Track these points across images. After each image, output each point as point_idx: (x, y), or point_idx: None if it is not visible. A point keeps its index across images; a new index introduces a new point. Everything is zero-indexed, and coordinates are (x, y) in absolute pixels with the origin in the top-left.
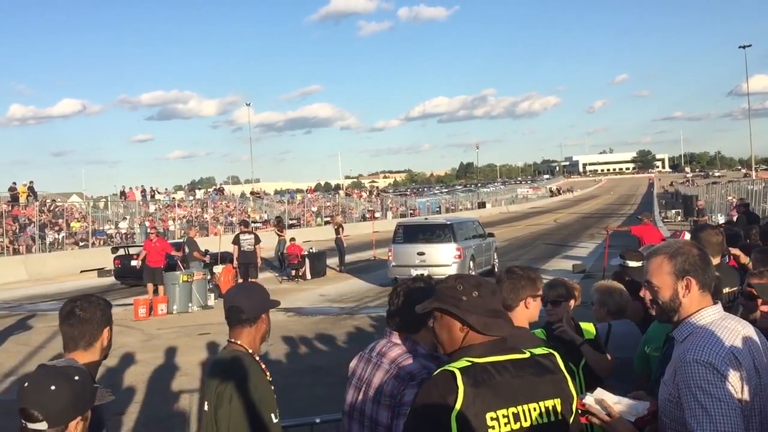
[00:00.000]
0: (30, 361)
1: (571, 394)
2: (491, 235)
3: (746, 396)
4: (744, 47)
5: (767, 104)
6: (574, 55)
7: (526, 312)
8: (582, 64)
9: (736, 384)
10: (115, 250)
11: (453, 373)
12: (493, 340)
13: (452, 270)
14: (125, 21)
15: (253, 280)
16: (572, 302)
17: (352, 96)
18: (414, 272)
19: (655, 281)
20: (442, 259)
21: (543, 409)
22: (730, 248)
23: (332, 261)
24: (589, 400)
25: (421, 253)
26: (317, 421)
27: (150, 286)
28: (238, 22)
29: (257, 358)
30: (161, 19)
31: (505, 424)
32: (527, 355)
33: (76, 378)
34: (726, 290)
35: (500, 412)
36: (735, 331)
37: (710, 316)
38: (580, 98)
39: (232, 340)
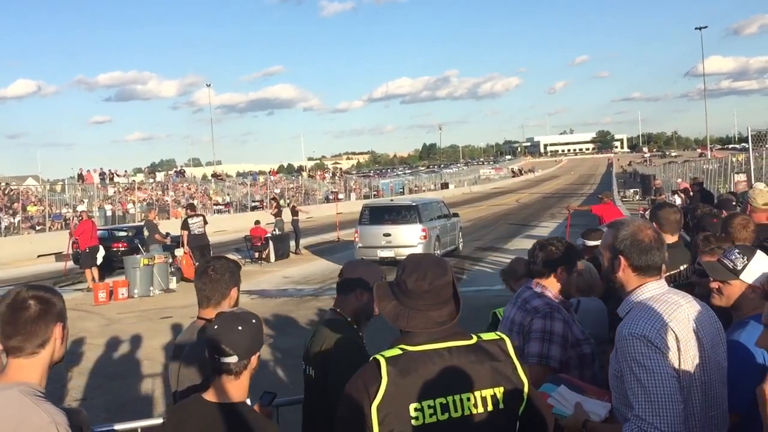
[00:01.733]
0: None
1: (519, 381)
2: (456, 215)
3: (686, 367)
4: (700, 29)
5: (722, 85)
6: (535, 36)
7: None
8: (543, 44)
9: (672, 355)
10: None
11: (378, 362)
12: (439, 328)
13: (418, 250)
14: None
15: None
16: None
17: (315, 77)
18: (380, 253)
19: (602, 250)
20: (408, 239)
21: (479, 399)
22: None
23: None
24: (553, 401)
25: (387, 234)
26: None
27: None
28: (197, 1)
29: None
30: None
31: (431, 415)
32: (473, 340)
33: (254, 321)
34: (683, 267)
35: (425, 403)
36: (675, 303)
37: (650, 291)
38: (541, 79)
39: (333, 307)
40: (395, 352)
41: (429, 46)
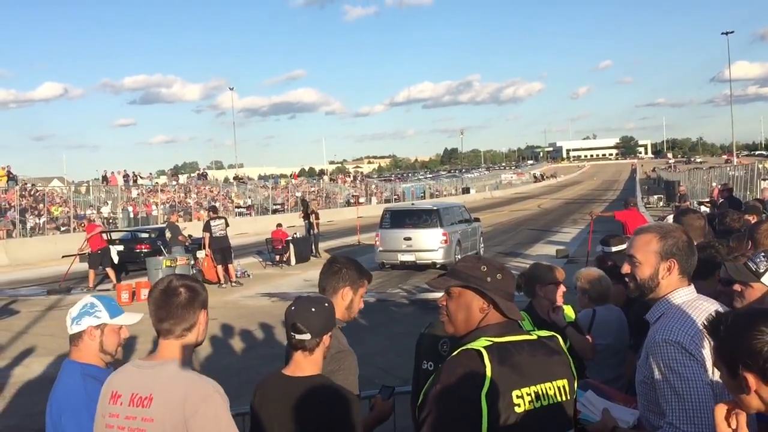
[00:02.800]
0: (12, 346)
1: (574, 375)
2: (477, 219)
3: (718, 375)
4: (726, 34)
5: (749, 91)
6: (558, 41)
7: None
8: (566, 49)
9: (706, 363)
10: None
11: (479, 351)
12: (506, 321)
13: (439, 254)
14: (108, 4)
15: (230, 264)
16: (560, 288)
17: (337, 81)
18: (401, 257)
19: (639, 256)
20: (429, 244)
21: (556, 389)
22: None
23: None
24: (581, 406)
25: (407, 238)
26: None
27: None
28: (222, 5)
29: None
30: (143, 1)
31: (529, 403)
32: (535, 336)
33: (326, 304)
34: None
35: (524, 390)
36: (706, 310)
37: (682, 297)
38: (564, 84)
39: None
40: (485, 342)
41: (451, 51)
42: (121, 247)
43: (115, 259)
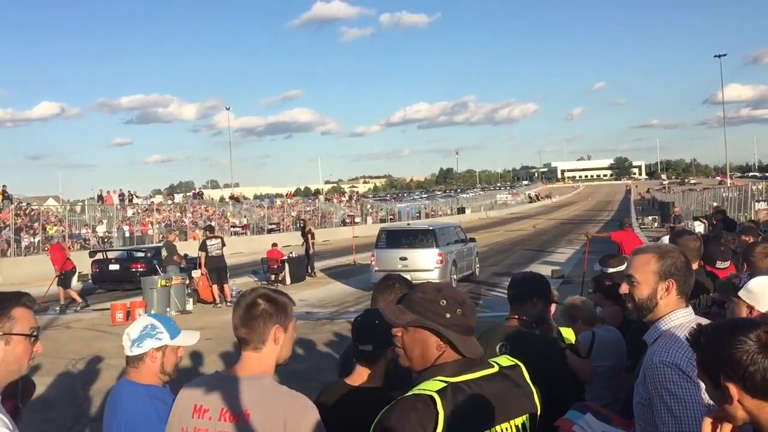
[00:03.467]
0: None
1: (536, 407)
2: (472, 239)
3: None
4: (719, 56)
5: (742, 113)
6: (552, 63)
7: None
8: (560, 71)
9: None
10: (92, 254)
11: (432, 397)
12: (464, 359)
13: (434, 275)
14: (105, 24)
15: (225, 284)
16: (553, 306)
17: (333, 101)
18: None
19: (637, 276)
20: (425, 263)
21: (514, 428)
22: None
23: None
24: (579, 428)
25: (403, 258)
26: None
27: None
28: (219, 26)
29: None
30: (142, 22)
31: None
32: (495, 368)
33: None
34: (702, 297)
35: None
36: None
37: (680, 318)
38: (558, 105)
39: (517, 315)
40: (438, 384)
41: (447, 72)
42: (117, 266)
43: (74, 282)
